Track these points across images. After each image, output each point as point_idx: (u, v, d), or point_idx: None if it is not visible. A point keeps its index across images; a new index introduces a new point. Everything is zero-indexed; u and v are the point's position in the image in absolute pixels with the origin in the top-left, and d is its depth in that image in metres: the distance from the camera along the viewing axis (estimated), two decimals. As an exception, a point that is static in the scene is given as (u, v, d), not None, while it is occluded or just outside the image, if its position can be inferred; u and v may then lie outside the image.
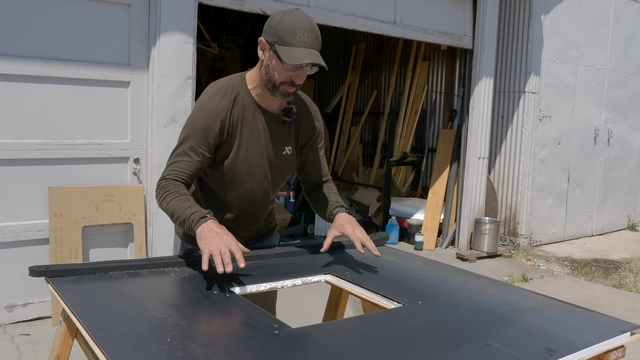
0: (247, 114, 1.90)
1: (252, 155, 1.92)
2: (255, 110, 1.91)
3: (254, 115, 1.91)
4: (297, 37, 1.72)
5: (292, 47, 1.73)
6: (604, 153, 7.65)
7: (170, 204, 1.77)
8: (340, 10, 4.88)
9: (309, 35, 1.73)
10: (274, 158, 1.97)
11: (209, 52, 7.52)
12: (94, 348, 1.27)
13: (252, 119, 1.91)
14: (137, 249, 3.91)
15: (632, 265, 6.16)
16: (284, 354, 1.28)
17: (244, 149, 1.91)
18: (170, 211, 1.78)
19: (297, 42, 1.72)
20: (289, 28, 1.72)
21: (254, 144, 1.92)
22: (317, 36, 1.77)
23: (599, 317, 1.66)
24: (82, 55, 3.67)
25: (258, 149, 1.93)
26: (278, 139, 1.97)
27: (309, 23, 1.75)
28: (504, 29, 6.69)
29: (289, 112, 1.95)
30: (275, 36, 1.75)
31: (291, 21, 1.73)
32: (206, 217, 1.72)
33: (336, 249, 2.21)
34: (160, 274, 1.79)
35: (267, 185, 2.01)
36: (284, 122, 1.97)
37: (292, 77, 1.79)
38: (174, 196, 1.78)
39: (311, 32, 1.74)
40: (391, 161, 6.92)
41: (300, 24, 1.73)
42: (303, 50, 1.73)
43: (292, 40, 1.72)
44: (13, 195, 3.54)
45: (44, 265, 1.69)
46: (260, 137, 1.92)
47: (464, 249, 6.27)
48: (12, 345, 3.33)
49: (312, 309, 4.14)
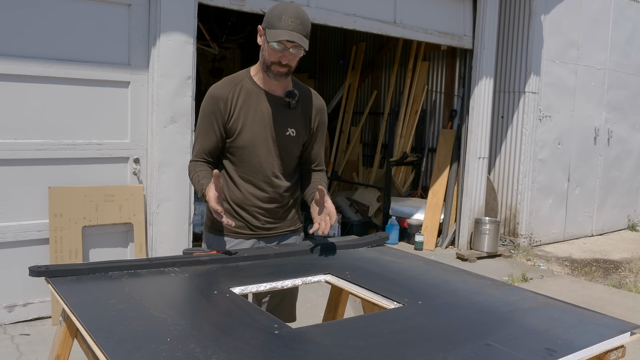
0: (250, 96, 2.14)
1: (256, 132, 2.14)
2: (260, 93, 2.15)
3: (258, 97, 2.15)
4: (282, 20, 1.96)
5: (277, 29, 1.97)
6: (604, 153, 7.65)
7: (192, 180, 2.14)
8: (340, 10, 4.88)
9: (293, 20, 1.96)
10: (277, 137, 2.17)
11: (209, 52, 7.52)
12: (94, 348, 1.27)
13: (255, 101, 2.14)
14: (137, 249, 3.91)
15: (632, 265, 6.16)
16: (284, 354, 1.28)
17: (248, 127, 2.13)
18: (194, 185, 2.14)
19: (282, 25, 1.96)
20: (277, 14, 1.98)
21: (257, 123, 2.14)
22: (303, 22, 1.99)
23: (599, 317, 1.66)
24: (82, 55, 3.67)
25: (262, 127, 2.15)
26: (282, 120, 2.17)
27: (296, 10, 1.98)
28: (504, 29, 6.69)
29: (291, 93, 2.16)
30: (266, 22, 2.02)
31: (280, 9, 1.99)
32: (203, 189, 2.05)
33: (336, 249, 2.21)
34: (160, 274, 1.79)
35: (273, 161, 2.18)
36: (288, 106, 2.17)
37: (280, 57, 2.02)
38: (193, 174, 2.14)
39: (296, 18, 1.97)
40: (391, 161, 6.92)
41: (287, 10, 1.97)
42: (286, 31, 1.96)
43: (277, 23, 1.97)
44: (13, 195, 3.54)
45: (44, 265, 1.69)
46: (263, 116, 2.15)
47: (464, 249, 6.28)
48: (12, 345, 3.33)
49: (312, 309, 4.14)
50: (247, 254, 2.04)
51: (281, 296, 2.28)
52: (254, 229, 2.21)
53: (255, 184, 2.18)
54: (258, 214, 2.20)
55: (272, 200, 2.21)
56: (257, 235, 2.22)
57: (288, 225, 2.30)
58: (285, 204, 2.26)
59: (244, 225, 2.20)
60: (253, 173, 2.17)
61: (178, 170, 3.96)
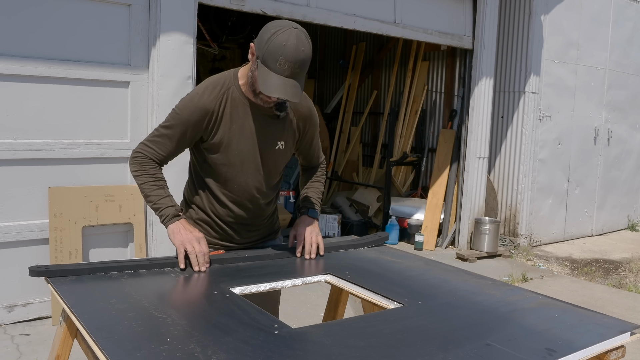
0: (237, 109, 1.93)
1: (243, 149, 1.96)
2: (247, 105, 1.94)
3: (245, 110, 1.94)
4: (277, 63, 1.71)
5: (270, 71, 1.73)
6: (604, 153, 7.65)
7: (146, 185, 1.93)
8: (340, 10, 4.87)
9: (290, 64, 1.72)
10: (266, 152, 2.00)
11: (209, 52, 7.52)
12: (94, 348, 1.27)
13: (243, 114, 1.94)
14: (137, 249, 3.91)
15: (632, 265, 6.16)
16: (284, 354, 1.28)
17: (236, 143, 1.95)
18: (144, 192, 1.93)
19: (277, 68, 1.72)
20: (274, 51, 1.71)
21: (245, 139, 1.95)
22: (301, 64, 1.74)
23: (599, 317, 1.66)
24: (82, 55, 3.67)
25: (250, 143, 1.96)
26: (270, 133, 1.99)
27: (295, 50, 1.72)
28: (504, 29, 6.69)
29: (281, 106, 1.94)
30: (261, 51, 1.76)
31: (278, 44, 1.71)
32: (179, 215, 1.89)
33: (336, 249, 2.21)
34: (160, 274, 1.79)
35: (261, 179, 2.03)
36: (277, 117, 1.98)
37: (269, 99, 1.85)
38: (151, 179, 1.93)
39: (294, 62, 1.72)
40: (391, 161, 6.92)
41: (285, 50, 1.70)
42: (280, 79, 1.72)
43: (272, 65, 1.72)
44: (13, 195, 3.54)
45: (44, 266, 1.69)
46: (252, 131, 1.96)
47: (464, 249, 6.27)
48: (12, 345, 3.33)
49: (312, 309, 4.14)
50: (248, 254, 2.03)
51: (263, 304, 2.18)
52: (235, 241, 2.12)
53: (239, 203, 2.03)
54: (240, 229, 2.10)
55: (256, 216, 2.10)
56: (237, 248, 2.12)
57: (267, 232, 2.22)
58: (267, 215, 2.18)
59: (225, 236, 2.10)
60: (238, 191, 2.01)
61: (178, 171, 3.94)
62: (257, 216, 2.11)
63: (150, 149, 1.94)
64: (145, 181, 1.92)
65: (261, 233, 2.19)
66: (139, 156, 1.95)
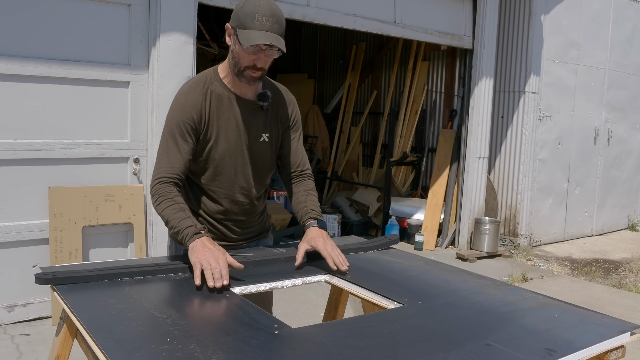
0: (222, 102, 1.95)
1: (230, 142, 1.97)
2: (231, 98, 1.96)
3: (229, 103, 1.96)
4: (255, 20, 1.77)
5: (250, 30, 1.78)
6: (604, 153, 7.65)
7: (165, 211, 1.83)
8: (340, 10, 4.87)
9: (268, 18, 1.78)
10: (251, 145, 2.01)
11: (209, 52, 7.52)
12: (94, 348, 1.27)
13: (227, 107, 1.96)
14: (137, 249, 3.91)
15: (632, 265, 6.16)
16: (284, 354, 1.28)
17: (223, 136, 1.96)
18: (165, 218, 1.83)
19: (256, 25, 1.77)
20: (249, 12, 1.78)
21: (232, 132, 1.97)
22: (278, 19, 1.80)
23: (599, 317, 1.66)
24: (82, 55, 3.67)
25: (236, 136, 1.97)
26: (255, 125, 2.01)
27: (269, 7, 1.79)
28: (504, 29, 6.69)
29: (263, 96, 1.98)
30: (237, 21, 1.82)
31: (251, 5, 1.79)
32: (200, 232, 1.76)
33: (346, 253, 2.19)
34: (160, 274, 1.79)
35: (249, 171, 2.04)
36: (261, 108, 2.00)
37: (254, 60, 1.84)
38: (169, 203, 1.83)
39: (270, 16, 1.78)
40: (391, 161, 6.92)
41: (259, 8, 1.78)
42: (261, 32, 1.77)
43: (250, 23, 1.78)
44: (13, 195, 3.54)
45: (50, 272, 1.65)
46: (237, 123, 1.97)
47: (464, 249, 6.27)
48: (12, 345, 3.33)
49: (312, 309, 4.14)
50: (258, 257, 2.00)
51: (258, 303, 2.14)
52: (228, 239, 2.11)
53: (231, 198, 2.03)
54: (234, 227, 2.10)
55: (247, 212, 2.10)
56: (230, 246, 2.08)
57: (259, 231, 2.21)
58: (258, 212, 2.17)
59: (219, 235, 2.08)
60: (229, 185, 2.01)
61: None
62: (247, 212, 2.11)
63: (164, 172, 1.88)
64: (164, 207, 1.83)
65: (254, 231, 2.19)
66: (154, 186, 1.89)
